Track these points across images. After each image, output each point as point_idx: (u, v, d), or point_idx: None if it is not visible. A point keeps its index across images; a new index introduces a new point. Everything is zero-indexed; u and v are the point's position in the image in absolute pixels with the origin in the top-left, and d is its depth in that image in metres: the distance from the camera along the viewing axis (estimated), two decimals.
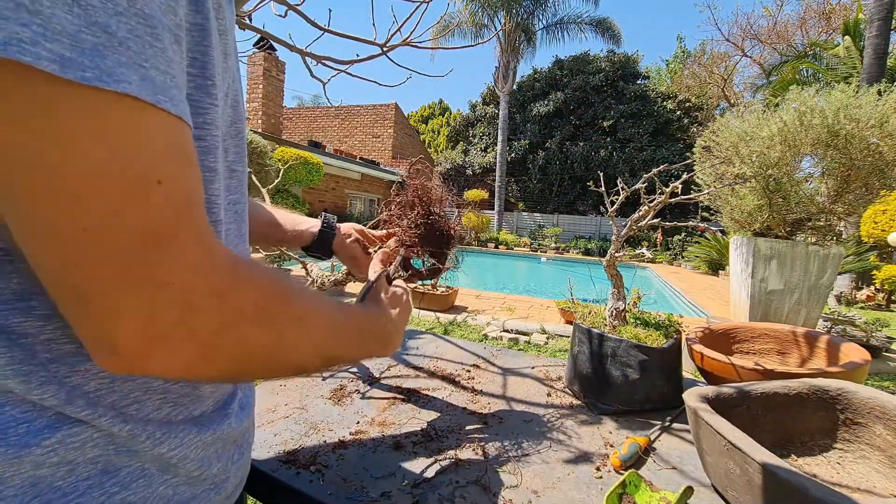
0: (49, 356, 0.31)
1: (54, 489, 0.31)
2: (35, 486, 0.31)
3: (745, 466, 0.55)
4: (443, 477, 0.64)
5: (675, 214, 15.95)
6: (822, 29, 19.06)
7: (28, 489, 0.30)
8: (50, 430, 0.31)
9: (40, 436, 0.31)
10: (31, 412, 0.31)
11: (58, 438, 0.31)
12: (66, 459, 0.32)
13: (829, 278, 2.97)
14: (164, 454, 0.37)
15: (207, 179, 0.38)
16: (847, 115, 2.78)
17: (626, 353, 0.88)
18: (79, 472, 0.33)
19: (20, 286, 0.30)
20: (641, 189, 0.99)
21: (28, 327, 0.31)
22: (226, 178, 0.43)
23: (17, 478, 0.30)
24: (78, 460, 0.33)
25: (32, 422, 0.31)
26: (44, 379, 0.31)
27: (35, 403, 0.31)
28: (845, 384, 0.74)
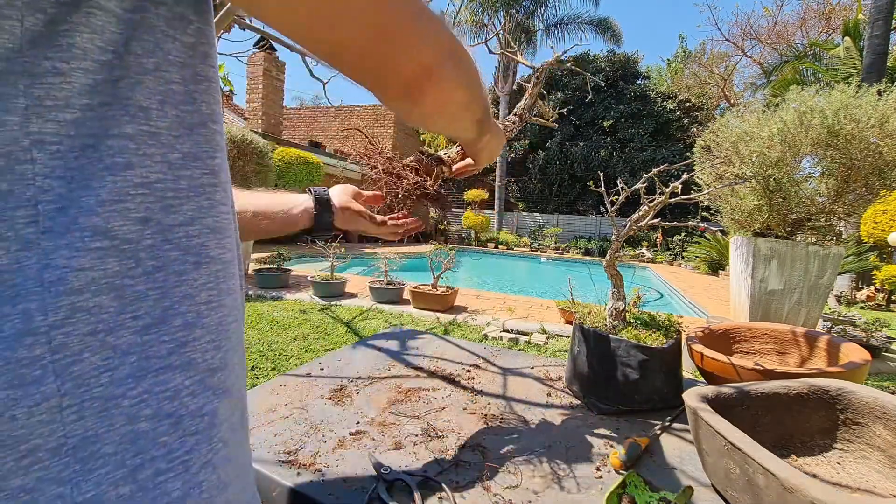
0: (155, 263, 0.30)
1: (158, 444, 0.30)
2: (135, 443, 0.29)
3: (745, 466, 0.55)
4: (443, 477, 0.64)
5: (675, 214, 15.95)
6: (822, 29, 19.06)
7: (128, 446, 0.29)
8: (134, 380, 0.29)
9: (124, 385, 0.29)
10: (111, 358, 0.29)
11: (145, 387, 0.30)
12: (163, 411, 0.30)
13: (829, 278, 2.97)
14: (242, 389, 0.38)
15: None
16: (847, 115, 2.78)
17: (626, 353, 0.88)
18: (184, 425, 0.31)
19: (115, 186, 0.29)
20: (641, 189, 0.99)
21: (128, 231, 0.29)
22: None
23: (111, 434, 0.28)
24: (181, 412, 0.31)
25: (115, 370, 0.29)
26: (139, 293, 0.30)
27: (115, 348, 0.29)
28: (845, 384, 0.74)
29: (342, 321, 4.15)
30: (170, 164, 0.31)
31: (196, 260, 0.33)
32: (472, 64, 0.45)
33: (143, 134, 0.30)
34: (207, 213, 0.34)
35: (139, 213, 0.30)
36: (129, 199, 0.29)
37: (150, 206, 0.30)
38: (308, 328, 3.85)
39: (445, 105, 0.44)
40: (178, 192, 0.32)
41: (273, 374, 2.89)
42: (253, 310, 4.35)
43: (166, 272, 0.31)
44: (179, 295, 0.32)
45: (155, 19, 0.30)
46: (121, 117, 0.29)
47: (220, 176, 0.35)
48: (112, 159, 0.28)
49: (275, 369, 2.95)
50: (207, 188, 0.34)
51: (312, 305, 4.70)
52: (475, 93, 0.48)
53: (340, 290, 5.23)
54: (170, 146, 0.31)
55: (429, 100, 0.41)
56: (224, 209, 0.36)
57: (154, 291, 0.30)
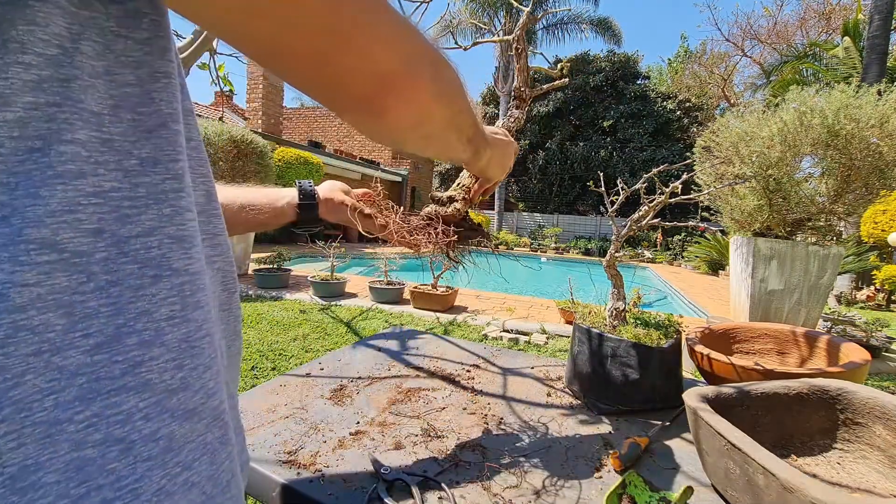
0: (109, 278, 0.28)
1: (106, 472, 0.27)
2: (80, 471, 0.27)
3: (745, 466, 0.55)
4: (443, 477, 0.64)
5: (675, 214, 15.95)
6: (822, 29, 19.07)
7: (73, 474, 0.26)
8: (82, 403, 0.27)
9: (71, 409, 0.27)
10: (57, 380, 0.27)
11: (94, 411, 0.27)
12: (113, 436, 0.28)
13: (829, 278, 2.97)
14: (218, 407, 0.35)
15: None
16: (847, 115, 2.78)
17: (626, 353, 0.88)
18: (136, 451, 0.29)
19: (66, 195, 0.27)
20: (641, 189, 0.99)
21: (79, 244, 0.27)
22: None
23: (54, 462, 0.26)
24: (133, 437, 0.29)
25: (60, 392, 0.26)
26: (91, 310, 0.27)
27: (62, 369, 0.27)
28: (845, 384, 0.74)
29: (342, 321, 4.15)
30: (126, 171, 0.29)
31: (155, 273, 0.31)
32: (454, 77, 0.41)
33: (94, 141, 0.28)
34: (170, 222, 0.31)
35: (92, 225, 0.28)
36: (81, 210, 0.27)
37: (103, 217, 0.28)
38: (308, 328, 3.85)
39: (420, 124, 0.39)
40: (136, 200, 0.30)
41: (273, 374, 2.89)
42: (253, 310, 4.35)
43: (121, 287, 0.29)
44: (135, 311, 0.30)
45: (104, 19, 0.28)
46: (74, 121, 0.27)
47: (185, 180, 0.33)
48: (64, 167, 0.26)
49: (275, 369, 2.95)
50: (170, 194, 0.31)
51: (312, 305, 4.70)
52: (459, 109, 0.43)
53: (340, 290, 5.23)
54: (125, 152, 0.29)
55: (394, 116, 0.36)
56: (190, 216, 0.33)
57: (107, 308, 0.28)
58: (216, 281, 0.43)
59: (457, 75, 0.42)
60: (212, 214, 0.41)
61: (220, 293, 0.44)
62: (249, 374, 2.87)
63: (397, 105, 0.36)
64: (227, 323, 0.46)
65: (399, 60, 0.34)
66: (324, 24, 0.30)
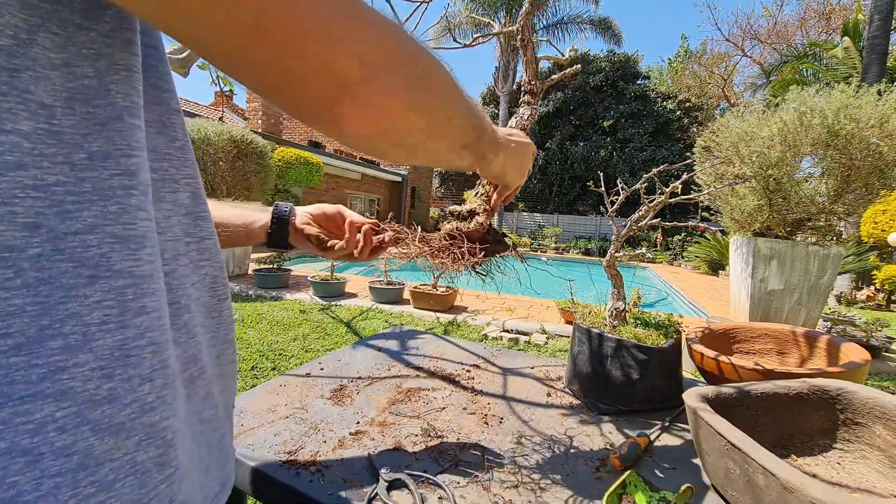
0: (40, 275, 0.27)
1: (5, 486, 0.25)
2: None
3: (745, 466, 0.55)
4: (443, 477, 0.64)
5: (675, 214, 15.96)
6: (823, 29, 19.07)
7: None
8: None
9: None
10: None
11: (2, 418, 0.26)
12: (20, 447, 0.26)
13: (829, 278, 2.97)
14: (156, 424, 0.32)
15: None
16: (847, 115, 2.78)
17: (626, 352, 0.88)
18: (44, 465, 0.27)
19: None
20: (641, 189, 0.99)
21: (10, 238, 0.26)
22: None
23: None
24: (42, 450, 0.27)
25: None
26: (14, 308, 0.26)
27: None
28: (845, 384, 0.74)
29: (342, 321, 4.15)
30: (73, 164, 0.28)
31: (92, 274, 0.29)
32: (444, 82, 0.37)
33: (41, 132, 0.27)
34: (115, 220, 0.30)
35: (28, 219, 0.26)
36: (17, 203, 0.26)
37: (42, 211, 0.27)
38: (308, 328, 3.85)
39: (390, 133, 0.35)
40: (81, 196, 0.28)
41: (273, 374, 2.89)
42: (253, 310, 4.35)
43: (52, 286, 0.27)
44: (64, 313, 0.28)
45: (68, 12, 0.27)
46: (18, 112, 0.26)
47: (140, 177, 0.31)
48: (1, 158, 0.25)
49: (275, 369, 2.95)
50: (118, 191, 0.30)
51: (312, 305, 4.70)
52: (449, 115, 0.40)
53: (340, 290, 5.23)
54: (75, 145, 0.28)
55: (353, 125, 0.32)
56: (142, 215, 0.31)
57: (33, 307, 0.27)
58: (203, 286, 0.41)
59: (449, 79, 0.39)
60: (199, 217, 0.40)
61: (209, 299, 0.42)
62: (249, 374, 2.87)
63: (353, 113, 0.32)
64: (217, 331, 0.44)
65: (357, 65, 0.30)
66: (257, 24, 0.26)
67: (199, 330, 0.41)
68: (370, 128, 0.34)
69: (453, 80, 0.40)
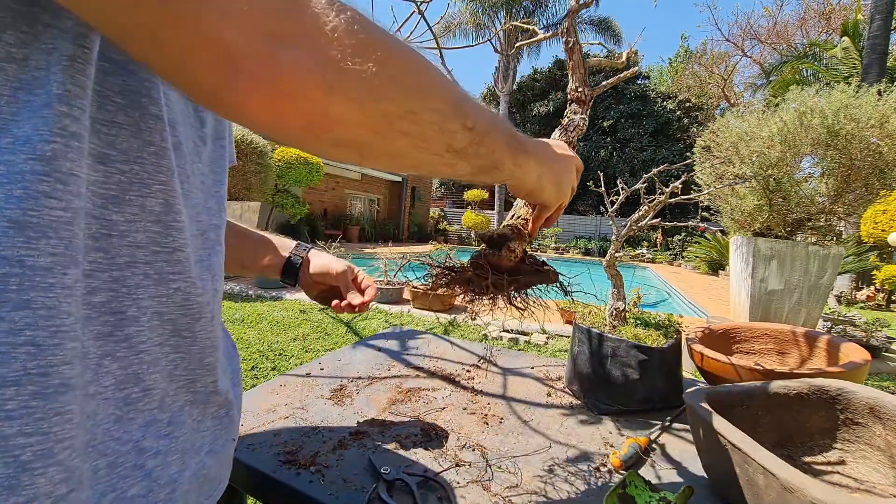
0: None
1: None
2: None
3: (745, 466, 0.55)
4: (443, 477, 0.64)
5: (675, 214, 15.96)
6: (822, 29, 19.08)
7: None
8: None
9: None
10: None
11: None
12: None
13: (829, 278, 2.97)
14: (11, 437, 0.29)
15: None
16: (847, 115, 2.79)
17: (626, 353, 0.88)
18: None
19: None
20: (641, 189, 0.99)
21: None
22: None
23: None
24: None
25: None
26: None
27: None
28: (845, 384, 0.74)
29: (342, 321, 4.15)
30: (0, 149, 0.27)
31: None
32: (393, 65, 0.31)
33: None
34: (17, 205, 0.28)
35: None
36: None
37: None
38: (308, 328, 3.86)
39: (315, 125, 0.30)
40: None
41: (273, 374, 2.89)
42: (253, 310, 4.35)
43: None
44: None
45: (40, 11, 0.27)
46: None
47: (56, 163, 0.29)
48: None
49: (275, 369, 2.95)
50: (28, 175, 0.28)
51: (312, 305, 4.70)
52: (408, 110, 0.32)
53: None
54: (6, 130, 0.28)
55: (256, 113, 0.28)
56: (53, 203, 0.29)
57: None
58: (171, 301, 0.38)
59: (416, 68, 0.33)
60: (170, 226, 0.38)
61: (177, 316, 0.39)
62: (249, 374, 2.87)
63: (254, 98, 0.27)
64: (188, 353, 0.41)
65: (251, 34, 0.25)
66: None
67: (152, 348, 0.37)
68: (281, 117, 0.28)
69: (427, 70, 0.34)
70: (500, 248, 0.56)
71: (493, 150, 0.42)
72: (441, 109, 0.35)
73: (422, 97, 0.34)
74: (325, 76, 0.27)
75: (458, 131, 0.37)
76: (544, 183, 0.52)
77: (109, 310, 0.34)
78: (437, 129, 0.35)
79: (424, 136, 0.35)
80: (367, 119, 0.31)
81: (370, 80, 0.29)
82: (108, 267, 0.34)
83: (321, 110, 0.29)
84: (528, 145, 0.48)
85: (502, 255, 0.56)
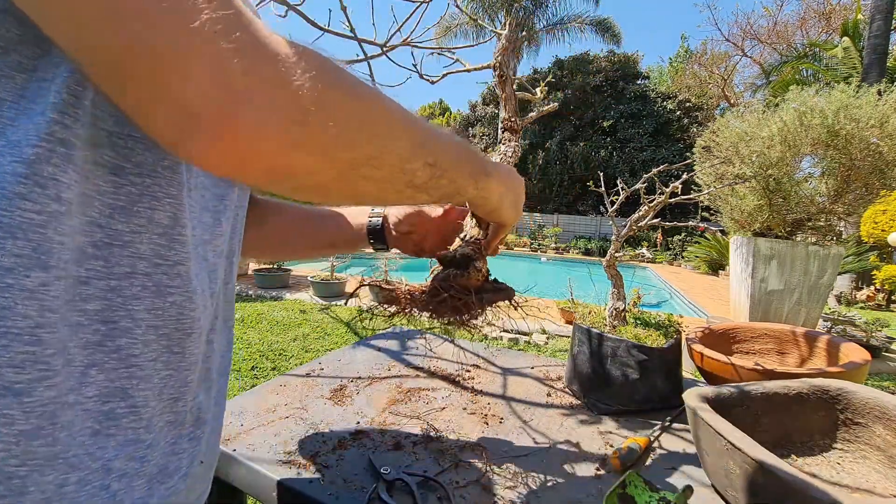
0: None
1: None
2: None
3: (745, 466, 0.55)
4: (443, 477, 0.64)
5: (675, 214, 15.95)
6: (822, 29, 19.08)
7: None
8: None
9: None
10: None
11: None
12: None
13: (829, 278, 2.97)
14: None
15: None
16: (847, 115, 2.79)
17: (626, 353, 0.88)
18: None
19: None
20: (641, 189, 0.99)
21: None
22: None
23: None
24: None
25: None
26: None
27: None
28: (845, 384, 0.74)
29: (342, 321, 4.15)
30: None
31: None
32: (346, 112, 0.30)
33: None
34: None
35: None
36: None
37: None
38: (308, 328, 3.86)
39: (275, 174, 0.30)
40: None
41: (273, 374, 2.89)
42: (253, 310, 4.35)
43: None
44: None
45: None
46: None
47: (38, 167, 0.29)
48: None
49: (275, 369, 2.95)
50: (8, 177, 0.28)
51: (312, 305, 4.70)
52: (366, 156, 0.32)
53: (340, 290, 5.23)
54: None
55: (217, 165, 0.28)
56: (28, 205, 0.29)
57: None
58: (167, 315, 0.38)
59: (384, 111, 0.33)
60: (175, 239, 0.38)
61: (172, 331, 0.38)
62: (249, 374, 2.87)
63: (212, 152, 0.26)
64: (177, 371, 0.40)
65: (216, 95, 0.24)
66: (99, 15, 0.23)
67: (146, 363, 0.36)
68: (242, 169, 0.28)
69: (390, 113, 0.34)
70: (465, 268, 0.56)
71: (455, 179, 0.43)
72: (402, 153, 0.35)
73: (385, 142, 0.34)
74: (290, 133, 0.27)
75: (418, 169, 0.37)
76: (505, 203, 0.53)
77: (102, 319, 0.33)
78: (397, 170, 0.35)
79: (385, 178, 0.35)
80: (330, 168, 0.31)
81: (335, 135, 0.29)
82: (107, 276, 0.34)
83: (284, 163, 0.29)
84: (490, 167, 0.49)
85: (470, 275, 0.56)
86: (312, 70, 0.27)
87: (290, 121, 0.27)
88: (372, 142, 0.32)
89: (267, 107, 0.26)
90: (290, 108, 0.27)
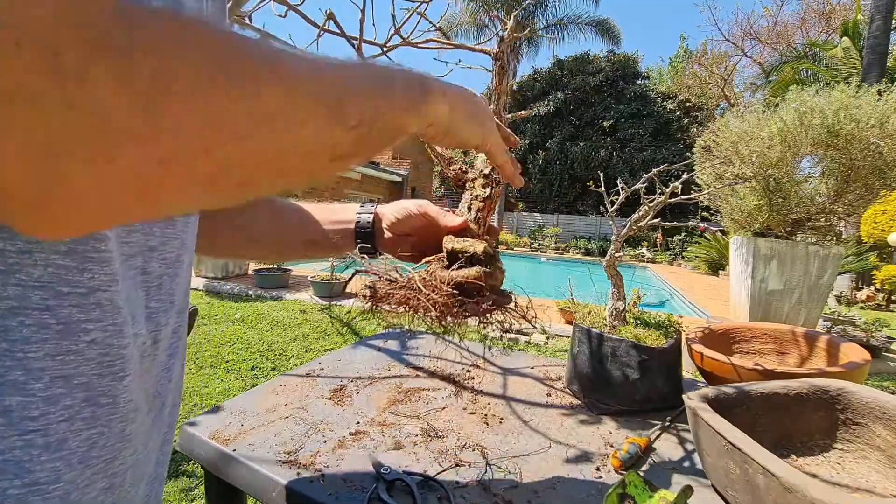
0: None
1: None
2: None
3: (745, 466, 0.55)
4: (443, 477, 0.64)
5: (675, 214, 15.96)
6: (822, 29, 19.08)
7: None
8: None
9: None
10: None
11: None
12: None
13: (829, 278, 2.97)
14: None
15: None
16: (847, 115, 2.78)
17: (626, 353, 0.88)
18: None
19: None
20: (641, 189, 0.99)
21: None
22: None
23: None
24: None
25: None
26: None
27: None
28: (845, 384, 0.74)
29: (342, 321, 4.15)
30: None
31: None
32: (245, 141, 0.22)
33: None
34: None
35: None
36: None
37: None
38: (308, 328, 3.86)
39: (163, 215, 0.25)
40: None
41: (273, 374, 2.89)
42: (253, 310, 4.35)
43: None
44: None
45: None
46: None
47: None
48: None
49: (275, 369, 2.95)
50: None
51: (312, 305, 4.70)
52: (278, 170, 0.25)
53: (340, 290, 5.23)
54: None
55: (67, 235, 0.24)
56: None
57: None
58: (85, 358, 0.30)
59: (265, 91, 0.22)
60: (87, 258, 0.29)
61: (91, 377, 0.30)
62: (249, 374, 2.87)
63: (43, 230, 0.21)
64: (108, 426, 0.31)
65: (32, 179, 0.18)
66: None
67: (53, 426, 0.28)
68: (81, 229, 0.23)
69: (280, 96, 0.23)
70: (490, 265, 0.52)
71: (387, 125, 0.32)
72: (313, 135, 0.26)
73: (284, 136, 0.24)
74: (151, 173, 0.20)
75: (340, 139, 0.27)
76: (456, 121, 0.41)
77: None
78: (315, 153, 0.27)
79: (299, 167, 0.27)
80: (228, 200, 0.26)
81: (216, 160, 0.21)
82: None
83: (154, 200, 0.22)
84: (423, 85, 0.37)
85: (496, 276, 0.52)
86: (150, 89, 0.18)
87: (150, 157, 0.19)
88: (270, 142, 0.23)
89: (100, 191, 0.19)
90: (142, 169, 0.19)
